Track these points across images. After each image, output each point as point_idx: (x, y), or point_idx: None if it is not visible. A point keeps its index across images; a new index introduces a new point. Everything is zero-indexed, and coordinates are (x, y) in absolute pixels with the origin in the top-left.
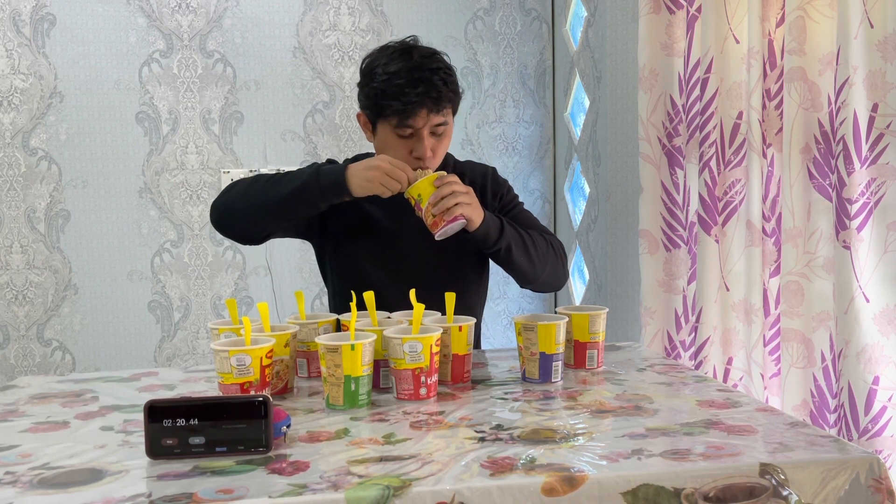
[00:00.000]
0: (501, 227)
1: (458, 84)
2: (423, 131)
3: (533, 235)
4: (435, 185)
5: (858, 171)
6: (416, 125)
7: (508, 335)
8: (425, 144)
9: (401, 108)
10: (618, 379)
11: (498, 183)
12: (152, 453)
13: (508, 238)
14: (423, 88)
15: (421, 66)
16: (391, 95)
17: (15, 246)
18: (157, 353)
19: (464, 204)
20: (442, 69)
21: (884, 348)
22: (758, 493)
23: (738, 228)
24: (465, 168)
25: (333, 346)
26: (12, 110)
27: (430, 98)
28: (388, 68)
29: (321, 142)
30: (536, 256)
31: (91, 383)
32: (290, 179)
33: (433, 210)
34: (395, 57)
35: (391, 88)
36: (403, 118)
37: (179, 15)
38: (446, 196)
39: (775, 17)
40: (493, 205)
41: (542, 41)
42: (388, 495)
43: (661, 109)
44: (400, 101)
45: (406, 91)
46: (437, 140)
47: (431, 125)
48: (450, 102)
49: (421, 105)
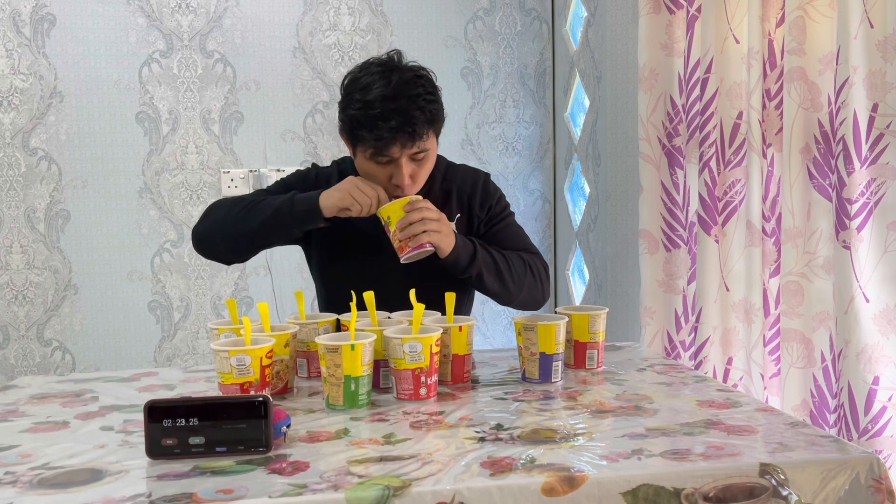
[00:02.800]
0: (473, 254)
1: (439, 109)
2: (402, 160)
3: (510, 259)
4: (405, 209)
5: (858, 171)
6: (393, 155)
7: (508, 335)
8: (403, 172)
9: (373, 143)
10: (618, 379)
11: (488, 192)
12: (152, 453)
13: (479, 265)
14: (397, 122)
15: (397, 94)
16: (365, 127)
17: (15, 246)
18: (157, 353)
19: (432, 231)
20: (422, 95)
21: (884, 348)
22: (758, 493)
23: (738, 228)
24: (457, 173)
25: (333, 346)
26: (12, 110)
27: (404, 132)
28: (365, 94)
29: (321, 142)
30: (511, 280)
31: (91, 383)
32: (264, 207)
33: (399, 235)
34: (375, 80)
35: (366, 119)
36: (377, 151)
37: (179, 15)
38: (414, 222)
39: (775, 17)
40: (480, 214)
41: (542, 41)
42: (388, 495)
43: (661, 109)
44: (373, 135)
45: (379, 124)
46: (418, 165)
47: (409, 154)
48: (426, 132)
49: (393, 140)
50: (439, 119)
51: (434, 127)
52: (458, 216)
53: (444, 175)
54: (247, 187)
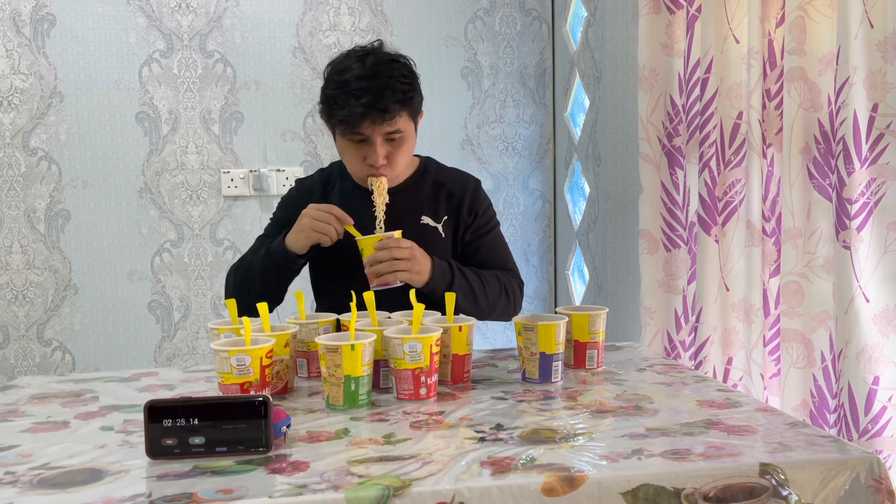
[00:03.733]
0: (450, 283)
1: (414, 91)
2: (375, 139)
3: (487, 282)
4: (375, 247)
5: (858, 171)
6: (364, 133)
7: (508, 335)
8: (378, 152)
9: (344, 118)
10: (618, 379)
11: (477, 199)
12: (152, 453)
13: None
14: (368, 98)
15: (371, 74)
16: (337, 104)
17: (15, 246)
18: (157, 353)
19: (401, 271)
20: (395, 77)
21: (884, 348)
22: (758, 493)
23: (738, 228)
24: (448, 175)
25: (333, 346)
26: (12, 110)
27: (376, 109)
28: (341, 76)
29: (321, 142)
30: (485, 304)
31: (91, 383)
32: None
33: (368, 270)
34: (352, 63)
35: (339, 97)
36: (347, 128)
37: (179, 15)
38: (384, 261)
39: (775, 17)
40: (467, 220)
41: (542, 41)
42: (388, 495)
43: (661, 109)
44: (344, 111)
45: (351, 101)
46: (393, 147)
47: (382, 133)
48: (400, 111)
49: (364, 116)
50: (413, 102)
51: (407, 109)
52: (446, 218)
53: (434, 176)
54: (247, 187)
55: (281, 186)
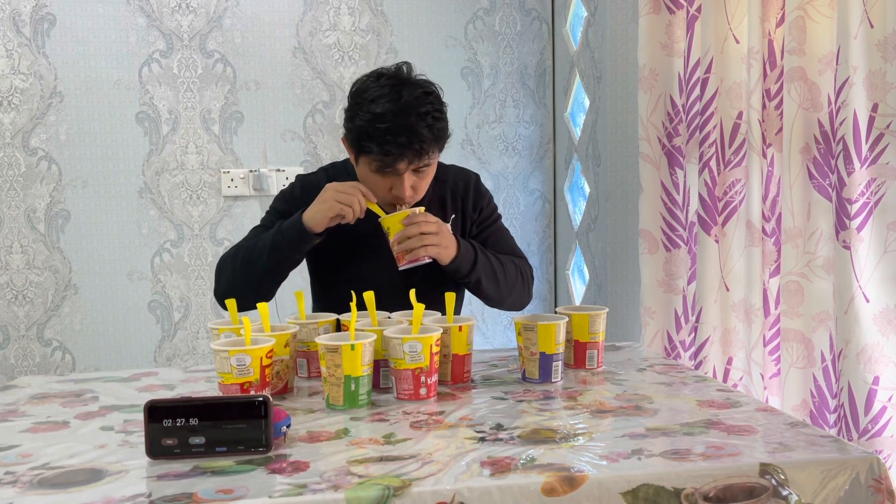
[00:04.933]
0: (474, 261)
1: (445, 127)
2: (405, 175)
3: (505, 264)
4: (403, 223)
5: (858, 171)
6: (400, 169)
7: (508, 335)
8: (405, 185)
9: (380, 157)
10: (618, 379)
11: (480, 193)
12: (152, 453)
13: (480, 271)
14: (406, 138)
15: (407, 110)
16: (373, 140)
17: (15, 246)
18: (157, 353)
19: (430, 245)
20: (431, 113)
21: (884, 348)
22: (758, 493)
23: (738, 228)
24: (449, 173)
25: (333, 346)
26: (12, 110)
27: (412, 149)
28: (373, 108)
29: (321, 142)
30: (505, 285)
31: (91, 383)
32: (261, 247)
33: (397, 248)
34: (385, 93)
35: (374, 131)
36: (383, 166)
37: (179, 15)
38: (412, 237)
39: (775, 17)
40: (473, 216)
41: (542, 41)
42: (388, 495)
43: (661, 109)
44: (380, 150)
45: (388, 139)
46: (419, 177)
47: (413, 168)
48: (433, 150)
49: (401, 157)
50: (445, 137)
51: (440, 144)
52: (454, 216)
53: (436, 175)
54: (247, 187)
55: (281, 186)
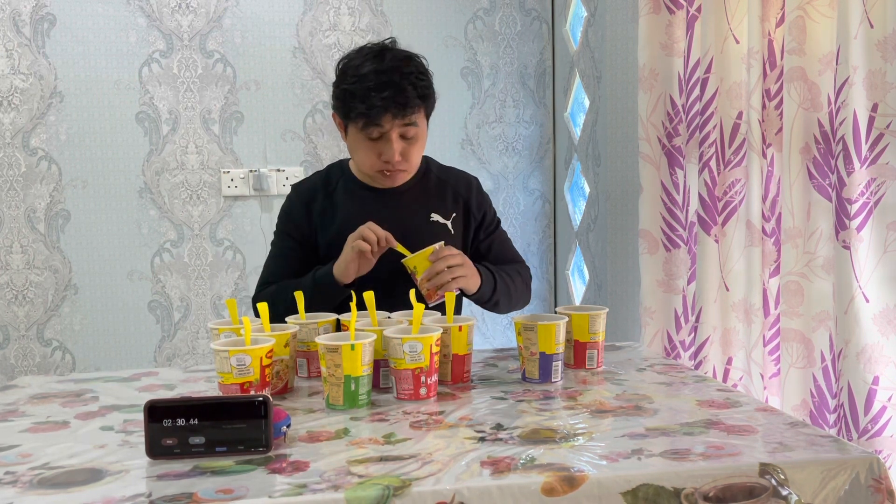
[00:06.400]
0: (494, 286)
1: (430, 88)
2: (392, 134)
3: (513, 277)
4: (430, 259)
5: (858, 171)
6: (381, 129)
7: (508, 335)
8: (394, 148)
9: (365, 111)
10: (618, 379)
11: (483, 197)
12: (152, 453)
13: (499, 293)
14: (390, 92)
15: (391, 69)
16: (357, 98)
17: (15, 246)
18: (157, 353)
19: (459, 277)
20: (413, 73)
21: (884, 348)
22: (758, 493)
23: (738, 228)
24: (451, 173)
25: (333, 346)
26: (12, 110)
27: (396, 103)
28: (359, 70)
29: (321, 142)
30: (515, 299)
31: (91, 383)
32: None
33: (427, 285)
34: (368, 59)
35: (358, 91)
36: (368, 121)
37: (179, 15)
38: (441, 271)
39: (775, 17)
40: (476, 216)
41: (542, 41)
42: (388, 495)
43: (661, 109)
44: (365, 105)
45: (372, 94)
46: (408, 144)
47: (399, 129)
48: (418, 107)
49: (385, 109)
50: (430, 98)
51: (425, 105)
52: (455, 215)
53: (437, 174)
54: (247, 187)
55: (281, 186)
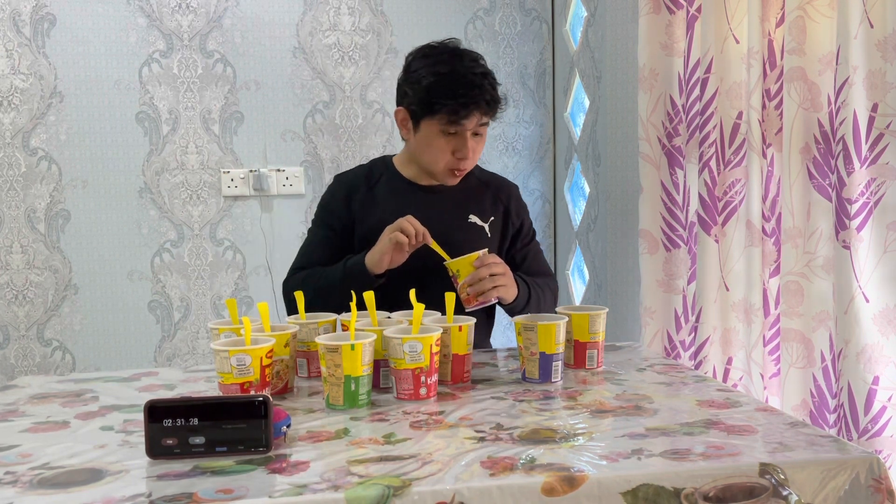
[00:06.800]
0: (528, 297)
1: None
2: (467, 132)
3: (545, 293)
4: (475, 265)
5: (858, 171)
6: (467, 125)
7: (508, 335)
8: (468, 145)
9: (455, 108)
10: (618, 379)
11: (522, 205)
12: (152, 453)
13: (532, 305)
14: (478, 91)
15: (472, 69)
16: (446, 94)
17: (15, 246)
18: (157, 353)
19: (500, 287)
20: (489, 74)
21: (884, 348)
22: (758, 493)
23: (738, 228)
24: (492, 177)
25: (333, 346)
26: (12, 110)
27: (484, 100)
28: (439, 67)
29: (321, 142)
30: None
31: (91, 383)
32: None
33: (468, 290)
34: (445, 58)
35: (445, 87)
36: (457, 118)
37: (179, 15)
38: (484, 278)
39: (775, 17)
40: (515, 223)
41: (542, 41)
42: (388, 495)
43: (661, 109)
44: (455, 101)
45: (461, 91)
46: (477, 141)
47: (475, 126)
48: (498, 106)
49: (476, 107)
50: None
51: (499, 106)
52: (492, 219)
53: (479, 176)
54: (247, 187)
55: (281, 186)
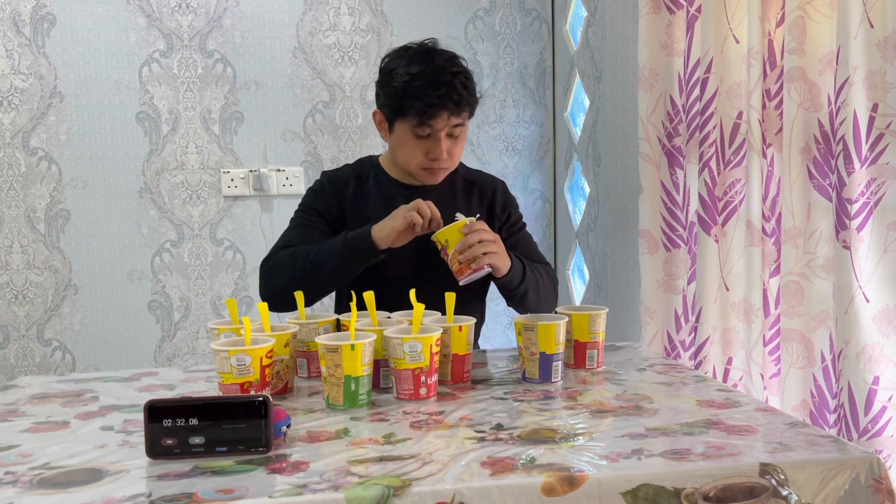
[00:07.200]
0: (523, 273)
1: (475, 88)
2: (441, 133)
3: (541, 275)
4: (463, 232)
5: (858, 171)
6: (436, 126)
7: (508, 335)
8: (442, 146)
9: (422, 109)
10: (618, 379)
11: (508, 198)
12: (152, 453)
13: (527, 282)
14: (446, 91)
15: (443, 68)
16: (413, 95)
17: (15, 246)
18: (157, 353)
19: (491, 253)
20: (462, 73)
21: (884, 348)
22: (758, 493)
23: (738, 228)
24: (477, 175)
25: (333, 346)
26: (12, 110)
27: (452, 101)
28: (410, 69)
29: (321, 142)
30: (543, 298)
31: (91, 383)
32: (325, 256)
33: (459, 258)
34: (417, 58)
35: (413, 89)
36: (424, 118)
37: (179, 15)
38: (473, 245)
39: (775, 17)
40: (501, 217)
41: (542, 41)
42: (388, 495)
43: (661, 109)
44: (422, 102)
45: (428, 92)
46: (453, 142)
47: (450, 127)
48: (469, 106)
49: (442, 107)
50: (476, 100)
51: (472, 105)
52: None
53: (463, 176)
54: (247, 187)
55: (281, 186)
